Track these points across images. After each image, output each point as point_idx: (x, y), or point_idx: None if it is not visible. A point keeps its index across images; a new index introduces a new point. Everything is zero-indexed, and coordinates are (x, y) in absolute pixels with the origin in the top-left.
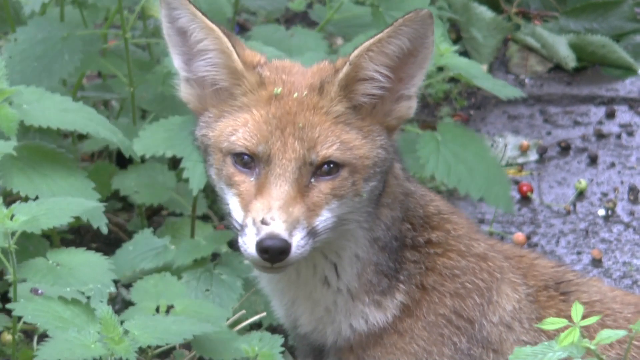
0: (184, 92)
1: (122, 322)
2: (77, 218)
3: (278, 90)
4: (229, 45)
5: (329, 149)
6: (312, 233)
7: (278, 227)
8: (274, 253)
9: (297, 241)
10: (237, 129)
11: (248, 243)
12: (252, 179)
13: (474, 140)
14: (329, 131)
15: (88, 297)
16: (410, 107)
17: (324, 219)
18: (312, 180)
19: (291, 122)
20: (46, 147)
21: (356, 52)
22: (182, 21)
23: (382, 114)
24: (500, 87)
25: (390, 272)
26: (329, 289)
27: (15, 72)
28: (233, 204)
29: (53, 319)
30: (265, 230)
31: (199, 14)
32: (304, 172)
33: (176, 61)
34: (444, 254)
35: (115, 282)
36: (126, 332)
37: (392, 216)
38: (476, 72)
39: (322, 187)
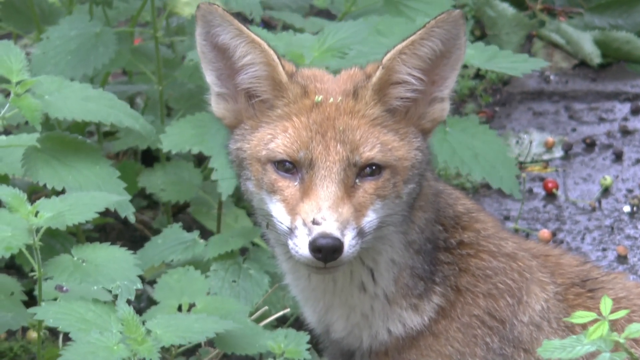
0: (217, 107)
1: (144, 322)
2: (103, 215)
3: (319, 98)
4: (275, 57)
5: (371, 151)
6: (360, 233)
7: (330, 226)
8: (327, 251)
9: (349, 240)
10: (276, 136)
11: (300, 244)
12: (295, 184)
13: (483, 130)
14: (368, 133)
15: (115, 296)
16: (444, 109)
17: (370, 219)
18: (357, 181)
19: (331, 127)
20: (69, 137)
21: (389, 55)
22: (222, 38)
23: (416, 117)
24: (519, 63)
25: (426, 275)
26: (366, 294)
27: (49, 65)
28: (277, 210)
29: (75, 321)
30: (318, 230)
31: (245, 29)
32: (349, 174)
33: (209, 77)
34: (476, 255)
35: (142, 279)
36: (149, 331)
37: (425, 218)
38: (486, 54)
39: (367, 187)
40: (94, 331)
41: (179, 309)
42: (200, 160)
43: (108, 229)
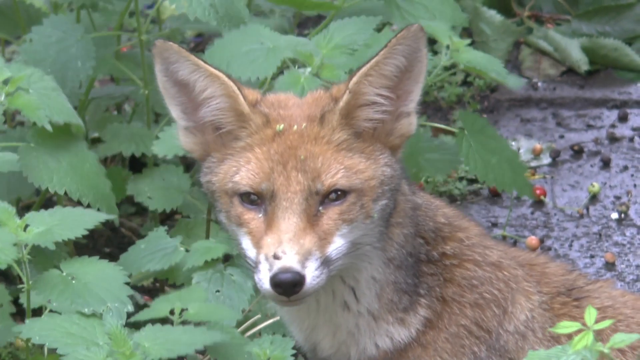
0: (186, 141)
1: (133, 331)
2: None
3: (280, 127)
4: (235, 89)
5: (334, 177)
6: (326, 262)
7: (290, 260)
8: (287, 287)
9: (312, 272)
10: (240, 168)
11: (263, 279)
12: (260, 216)
13: (493, 131)
14: (331, 159)
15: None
16: (410, 123)
17: (337, 245)
18: (320, 208)
19: (293, 156)
20: (53, 128)
21: (355, 78)
22: (181, 73)
23: (384, 135)
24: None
25: (410, 289)
26: (350, 312)
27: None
28: (245, 243)
29: (61, 336)
30: (278, 265)
31: (202, 63)
32: (311, 203)
33: (174, 112)
34: (460, 265)
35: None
36: (137, 345)
37: (404, 234)
38: (494, 65)
39: (331, 213)
40: (81, 346)
41: (171, 313)
42: (188, 166)
43: (96, 235)
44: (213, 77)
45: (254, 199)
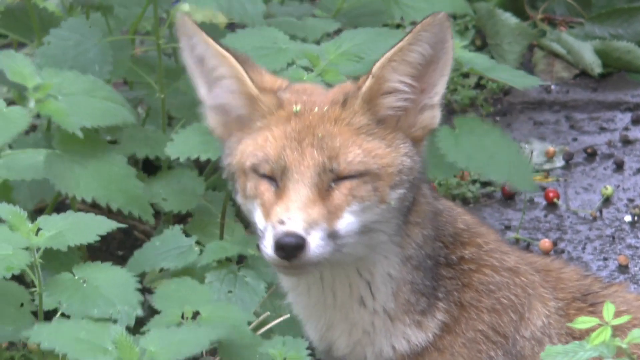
0: (210, 120)
1: (140, 333)
2: None
3: (297, 108)
4: (242, 71)
5: (350, 158)
6: (333, 236)
7: (294, 225)
8: (289, 250)
9: (316, 240)
10: (256, 145)
11: (267, 244)
12: (273, 188)
13: (491, 129)
14: (350, 141)
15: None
16: (434, 116)
17: (347, 222)
18: (332, 184)
19: (310, 134)
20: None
21: (378, 63)
22: (198, 48)
23: (406, 126)
24: (519, 78)
25: (428, 291)
26: (366, 309)
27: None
28: (257, 215)
29: (70, 341)
30: (282, 229)
31: (211, 41)
32: (324, 179)
33: (200, 89)
34: (478, 270)
35: (141, 288)
36: (144, 350)
37: (423, 234)
38: (487, 64)
39: (342, 188)
40: (90, 353)
41: (182, 317)
42: (201, 169)
43: (109, 238)
44: (221, 57)
45: (268, 173)
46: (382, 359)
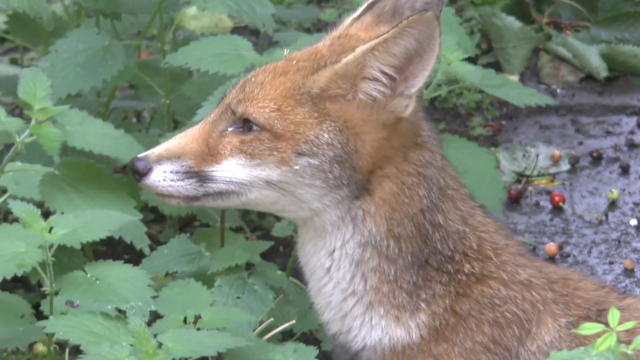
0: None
1: (155, 335)
2: None
3: (286, 52)
4: None
5: (257, 109)
6: (200, 176)
7: (148, 153)
8: (133, 171)
9: (159, 171)
10: None
11: None
12: None
13: (471, 146)
14: (271, 95)
15: (124, 312)
16: (407, 105)
17: (226, 169)
18: (229, 129)
19: (254, 78)
20: (85, 163)
21: (362, 47)
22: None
23: (377, 107)
24: (526, 96)
25: (409, 288)
26: (331, 281)
27: (58, 78)
28: None
29: (84, 334)
30: (141, 155)
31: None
32: (224, 119)
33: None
34: (482, 282)
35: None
36: (160, 344)
37: (389, 229)
38: (497, 81)
39: (232, 138)
40: (105, 344)
41: (185, 321)
42: None
43: (115, 242)
44: None
45: None
46: (368, 347)
